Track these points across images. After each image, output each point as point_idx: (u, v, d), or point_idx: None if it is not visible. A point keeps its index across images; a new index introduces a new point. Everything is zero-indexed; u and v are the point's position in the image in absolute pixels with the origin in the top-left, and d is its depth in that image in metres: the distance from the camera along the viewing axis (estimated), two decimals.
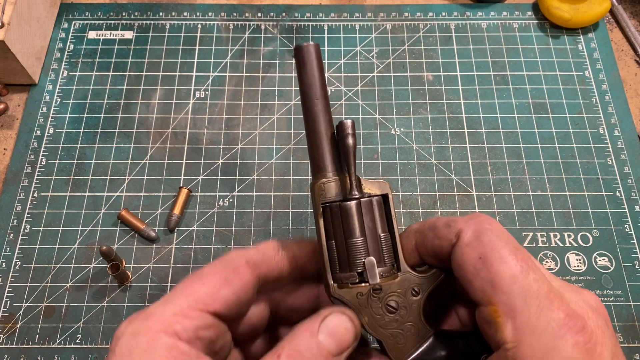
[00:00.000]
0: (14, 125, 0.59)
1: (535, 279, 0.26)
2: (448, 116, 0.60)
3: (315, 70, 0.31)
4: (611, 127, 0.59)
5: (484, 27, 0.65)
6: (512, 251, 0.26)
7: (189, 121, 0.59)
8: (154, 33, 0.64)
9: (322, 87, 0.31)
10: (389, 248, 0.31)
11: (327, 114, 0.31)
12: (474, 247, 0.27)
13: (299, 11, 0.66)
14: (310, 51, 0.31)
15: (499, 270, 0.26)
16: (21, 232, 0.53)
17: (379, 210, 0.31)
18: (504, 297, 0.25)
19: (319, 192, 0.30)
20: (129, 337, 0.26)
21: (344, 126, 0.30)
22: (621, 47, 0.64)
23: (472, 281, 0.27)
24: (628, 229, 0.54)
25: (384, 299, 0.30)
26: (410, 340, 0.29)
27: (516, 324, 0.25)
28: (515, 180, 0.56)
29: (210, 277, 0.28)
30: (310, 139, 0.31)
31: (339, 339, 0.27)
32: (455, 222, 0.29)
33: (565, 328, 0.24)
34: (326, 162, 0.30)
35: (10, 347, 0.48)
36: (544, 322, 0.24)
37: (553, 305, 0.25)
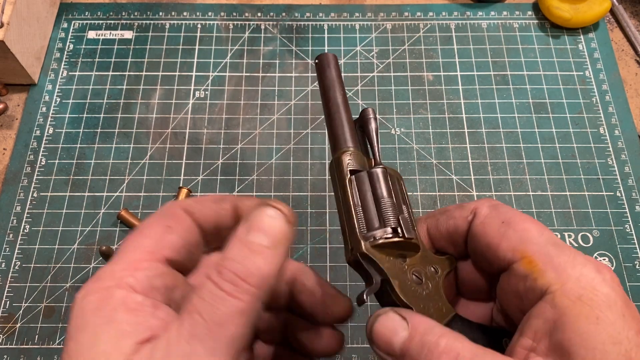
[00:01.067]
0: (14, 125, 0.59)
1: (555, 236, 0.27)
2: (448, 116, 0.59)
3: (333, 73, 0.35)
4: (611, 127, 0.59)
5: (484, 27, 0.65)
6: (530, 218, 0.28)
7: (189, 121, 0.59)
8: (154, 33, 0.64)
9: (340, 87, 0.35)
10: (412, 221, 0.30)
11: (347, 106, 0.34)
12: (493, 216, 0.28)
13: (299, 11, 0.66)
14: (330, 60, 0.35)
15: (525, 227, 0.27)
16: (21, 232, 0.53)
17: (399, 187, 0.31)
18: (537, 247, 0.26)
19: (346, 160, 0.31)
20: (80, 301, 0.25)
21: (367, 112, 0.33)
22: (622, 47, 0.64)
23: (499, 244, 0.27)
24: (628, 229, 0.54)
25: (409, 268, 0.29)
26: (436, 315, 0.28)
27: (555, 266, 0.25)
28: (516, 180, 0.56)
29: (150, 228, 0.28)
30: (333, 119, 0.33)
31: (267, 228, 0.25)
32: (469, 204, 0.30)
33: (600, 265, 0.25)
34: (350, 138, 0.32)
35: (9, 347, 0.48)
36: (581, 260, 0.25)
37: (579, 255, 0.26)
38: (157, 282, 0.26)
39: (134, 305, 0.24)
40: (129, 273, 0.25)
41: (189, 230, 0.28)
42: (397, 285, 0.28)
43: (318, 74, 0.35)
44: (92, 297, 0.24)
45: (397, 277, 0.28)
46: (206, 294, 0.23)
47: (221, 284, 0.23)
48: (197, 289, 0.24)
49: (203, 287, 0.24)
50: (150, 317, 0.24)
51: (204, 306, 0.23)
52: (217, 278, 0.24)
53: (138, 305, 0.24)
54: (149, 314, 0.24)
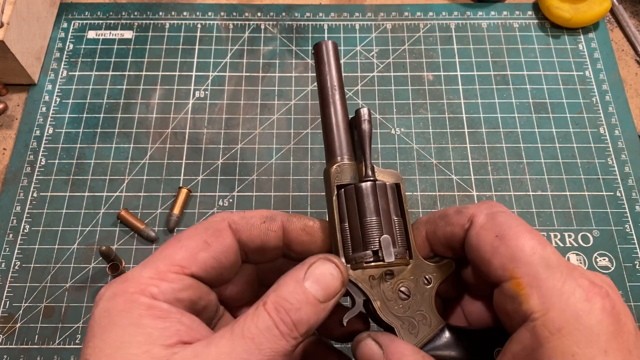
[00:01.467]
0: (14, 125, 0.59)
1: (553, 252, 0.26)
2: (448, 116, 0.59)
3: (333, 63, 0.33)
4: (611, 127, 0.59)
5: (484, 26, 0.65)
6: (527, 228, 0.27)
7: (189, 121, 0.59)
8: (154, 33, 0.64)
9: (339, 80, 0.33)
10: (402, 233, 0.30)
11: (344, 104, 0.32)
12: (489, 228, 0.28)
13: (298, 11, 0.66)
14: (329, 47, 0.33)
15: (518, 244, 0.26)
16: (20, 232, 0.53)
17: (392, 196, 0.31)
18: (526, 268, 0.26)
19: (335, 175, 0.31)
20: (107, 300, 0.26)
21: (361, 113, 0.31)
22: (622, 47, 0.64)
23: (491, 259, 0.27)
24: (628, 229, 0.54)
25: (396, 284, 0.29)
26: (423, 329, 0.29)
27: (542, 292, 0.25)
28: (516, 180, 0.56)
29: (189, 241, 0.28)
30: (326, 125, 0.32)
31: (326, 286, 0.27)
32: (467, 208, 0.29)
33: (592, 292, 0.24)
34: (342, 147, 0.31)
35: (9, 347, 0.48)
36: (570, 286, 0.24)
37: (574, 273, 0.25)
38: (182, 294, 0.27)
39: (160, 313, 0.25)
40: (155, 282, 0.26)
41: (227, 251, 0.29)
42: (379, 307, 0.29)
43: (316, 64, 0.33)
44: (119, 299, 0.25)
45: (379, 297, 0.29)
46: (261, 325, 0.25)
47: (279, 324, 0.25)
48: (251, 316, 0.25)
49: (259, 317, 0.25)
50: (177, 323, 0.25)
51: (258, 335, 0.25)
52: (276, 316, 0.25)
53: (164, 313, 0.25)
54: (176, 320, 0.25)
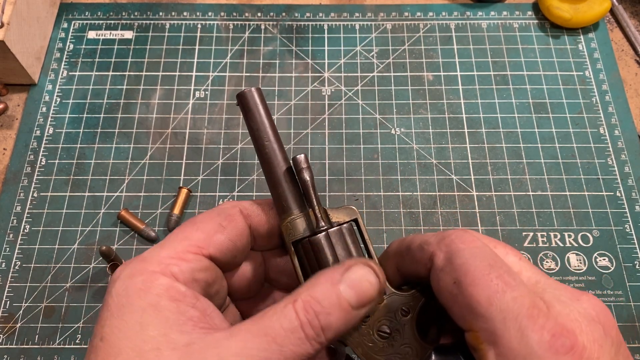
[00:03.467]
0: (14, 125, 0.59)
1: (513, 298, 0.24)
2: (448, 116, 0.59)
3: (261, 112, 0.31)
4: (611, 127, 0.59)
5: (484, 27, 0.65)
6: (486, 270, 0.25)
7: (189, 121, 0.59)
8: (154, 33, 0.64)
9: (271, 128, 0.31)
10: None
11: (282, 152, 0.31)
12: (447, 272, 0.26)
13: (299, 11, 0.66)
14: (254, 95, 0.31)
15: (474, 294, 0.24)
16: (21, 232, 0.53)
17: (350, 237, 0.30)
18: (483, 322, 0.24)
19: (287, 232, 0.30)
20: (125, 279, 0.26)
21: (298, 161, 0.30)
22: (621, 47, 0.64)
23: (452, 307, 0.26)
24: (628, 229, 0.54)
25: (375, 325, 0.29)
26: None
27: (498, 350, 0.23)
28: (516, 180, 0.56)
29: (204, 224, 0.29)
30: (268, 180, 0.31)
31: (361, 292, 0.26)
32: (428, 245, 0.28)
33: (551, 350, 0.22)
34: (288, 200, 0.30)
35: (9, 347, 0.48)
36: (526, 345, 0.23)
37: (536, 324, 0.23)
38: (199, 275, 0.27)
39: (177, 295, 0.25)
40: (175, 262, 0.26)
41: (240, 234, 0.30)
42: (360, 353, 0.28)
43: (244, 115, 0.32)
44: (138, 279, 0.25)
45: (359, 344, 0.29)
46: (287, 325, 0.24)
47: (305, 327, 0.24)
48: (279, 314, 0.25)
49: (286, 316, 0.24)
50: (191, 307, 0.25)
51: (282, 336, 0.24)
52: (304, 317, 0.24)
53: (181, 296, 0.25)
54: (190, 304, 0.25)
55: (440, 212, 0.54)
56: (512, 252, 0.28)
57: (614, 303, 0.50)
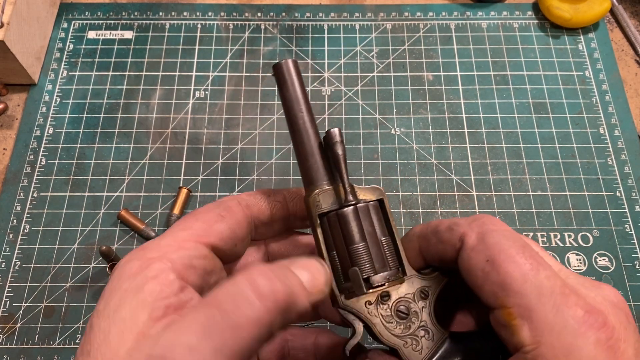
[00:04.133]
0: (14, 125, 0.59)
1: (547, 276, 0.25)
2: (448, 116, 0.59)
3: (296, 84, 0.31)
4: (611, 127, 0.59)
5: (484, 27, 0.65)
6: (519, 250, 0.26)
7: (189, 121, 0.59)
8: (154, 33, 0.64)
9: (305, 100, 0.31)
10: (392, 252, 0.30)
11: (314, 126, 0.31)
12: (479, 250, 0.26)
13: (299, 11, 0.66)
14: (290, 66, 0.31)
15: (509, 270, 0.25)
16: (21, 232, 0.53)
17: (376, 215, 0.30)
18: (517, 298, 0.24)
19: (314, 204, 0.30)
20: (123, 264, 0.26)
21: (332, 135, 0.30)
22: (621, 47, 0.64)
23: (482, 286, 0.26)
24: (628, 229, 0.54)
25: (394, 305, 0.29)
26: (426, 345, 0.29)
27: (533, 325, 0.24)
28: (516, 180, 0.56)
29: (204, 214, 0.29)
30: (299, 152, 0.31)
31: (312, 275, 0.26)
32: (458, 226, 0.28)
33: (585, 325, 0.23)
34: (318, 173, 0.30)
35: (9, 347, 0.48)
36: (562, 319, 0.23)
37: (569, 301, 0.24)
38: (197, 262, 0.27)
39: (165, 282, 0.25)
40: (173, 249, 0.26)
41: (239, 224, 0.30)
42: (378, 332, 0.29)
43: (279, 87, 0.31)
44: (134, 263, 0.26)
45: (378, 321, 0.29)
46: (232, 289, 0.23)
47: (255, 286, 0.23)
48: (225, 282, 0.24)
49: (231, 282, 0.24)
50: (173, 296, 0.25)
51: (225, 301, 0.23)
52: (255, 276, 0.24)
53: (167, 283, 0.25)
54: (172, 293, 0.25)
55: (440, 212, 0.54)
56: (534, 243, 0.29)
57: None
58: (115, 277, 0.26)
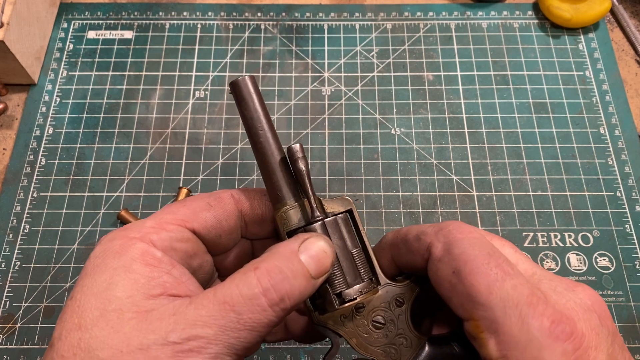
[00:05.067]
0: (14, 125, 0.59)
1: (513, 286, 0.24)
2: (448, 116, 0.59)
3: (256, 101, 0.30)
4: (612, 127, 0.59)
5: (484, 26, 0.65)
6: (485, 259, 0.25)
7: (189, 121, 0.59)
8: (154, 33, 0.64)
9: (265, 116, 0.31)
10: (363, 263, 0.30)
11: (276, 142, 0.31)
12: (446, 262, 0.26)
13: (299, 11, 0.66)
14: (247, 84, 0.30)
15: (474, 283, 0.25)
16: (20, 232, 0.53)
17: (345, 227, 0.30)
18: (482, 311, 0.24)
19: (282, 222, 0.30)
20: (105, 242, 0.26)
21: (293, 151, 0.30)
22: (622, 47, 0.64)
23: (451, 297, 0.26)
24: (629, 229, 0.54)
25: (369, 316, 0.29)
26: (405, 352, 0.29)
27: (499, 338, 0.24)
28: (516, 180, 0.56)
29: (193, 202, 0.29)
30: (262, 170, 0.31)
31: (319, 262, 0.27)
32: (425, 235, 0.28)
33: (551, 337, 0.23)
34: (283, 190, 0.30)
35: (9, 347, 0.48)
36: (527, 332, 0.23)
37: (536, 311, 0.23)
38: (178, 245, 0.27)
39: (152, 261, 0.25)
40: (155, 230, 0.27)
41: (228, 215, 0.30)
42: (355, 344, 0.29)
43: (237, 104, 0.31)
44: (116, 242, 0.26)
45: (354, 334, 0.29)
46: (246, 292, 0.24)
47: (267, 293, 0.24)
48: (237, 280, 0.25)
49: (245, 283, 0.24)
50: (165, 273, 0.25)
51: (240, 303, 0.24)
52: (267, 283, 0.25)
53: (155, 261, 0.25)
54: (164, 271, 0.25)
55: (440, 212, 0.54)
56: (508, 244, 0.28)
57: (614, 303, 0.50)
58: (98, 254, 0.26)
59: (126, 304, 0.24)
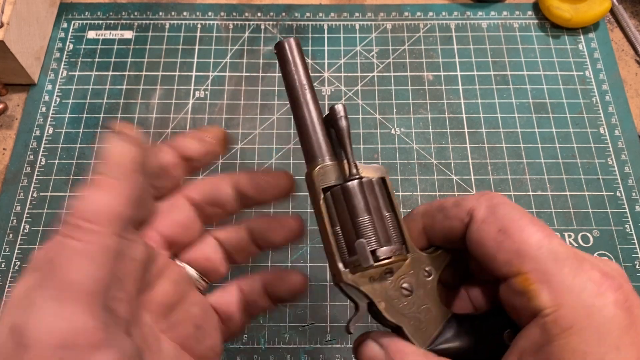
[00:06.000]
0: (13, 125, 0.59)
1: (560, 243, 0.25)
2: (448, 116, 0.59)
3: (299, 61, 0.31)
4: (612, 127, 0.59)
5: (484, 26, 0.65)
6: (530, 220, 0.26)
7: (189, 121, 0.59)
8: (154, 33, 0.64)
9: (307, 77, 0.31)
10: (395, 228, 0.30)
11: (316, 102, 0.31)
12: (490, 222, 0.27)
13: (298, 11, 0.66)
14: (292, 45, 0.31)
15: (523, 237, 0.25)
16: (20, 232, 0.53)
17: (380, 192, 0.30)
18: (534, 263, 0.25)
19: (318, 177, 0.30)
20: None
21: (337, 110, 0.30)
22: (622, 47, 0.64)
23: (496, 255, 0.26)
24: (628, 229, 0.54)
25: (398, 281, 0.29)
26: (431, 323, 0.28)
27: (552, 288, 0.24)
28: (516, 180, 0.56)
29: None
30: (301, 127, 0.31)
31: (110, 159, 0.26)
32: (465, 201, 0.28)
33: (603, 286, 0.24)
34: (322, 147, 0.30)
35: None
36: (581, 280, 0.24)
37: (585, 265, 0.24)
38: None
39: None
40: None
41: None
42: (383, 308, 0.28)
43: (280, 65, 0.31)
44: None
45: (383, 298, 0.28)
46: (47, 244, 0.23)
47: (64, 229, 0.23)
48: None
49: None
50: None
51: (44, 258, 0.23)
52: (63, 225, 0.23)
53: None
54: None
55: None
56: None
57: None
58: None
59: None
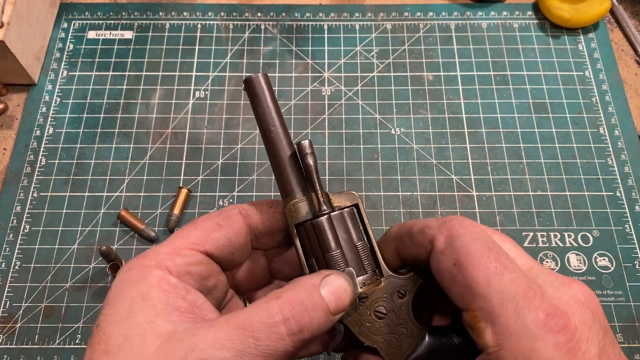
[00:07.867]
0: (14, 125, 0.59)
1: (510, 279, 0.25)
2: (448, 116, 0.59)
3: (267, 98, 0.32)
4: (611, 127, 0.59)
5: (484, 27, 0.65)
6: (485, 253, 0.26)
7: (189, 121, 0.59)
8: (154, 33, 0.64)
9: (277, 112, 0.32)
10: (367, 255, 0.31)
11: (286, 137, 0.32)
12: (447, 254, 0.27)
13: (299, 11, 0.66)
14: (260, 81, 0.32)
15: (474, 274, 0.26)
16: (21, 232, 0.53)
17: (351, 221, 0.31)
18: (481, 302, 0.25)
19: (290, 214, 0.31)
20: (124, 272, 0.28)
21: (302, 147, 0.31)
22: (621, 47, 0.64)
23: (450, 288, 0.27)
24: (628, 229, 0.54)
25: (372, 306, 0.30)
26: (405, 342, 0.30)
27: (495, 329, 0.25)
28: (516, 180, 0.56)
29: (203, 223, 0.31)
30: (273, 164, 0.32)
31: (339, 298, 0.28)
32: (429, 228, 0.29)
33: (545, 329, 0.24)
34: (292, 184, 0.31)
35: (9, 347, 0.48)
36: (522, 324, 0.24)
37: (532, 304, 0.24)
38: (193, 268, 0.29)
39: (168, 287, 0.27)
40: (170, 257, 0.28)
41: (238, 232, 0.31)
42: (357, 332, 0.30)
43: (250, 100, 0.32)
44: (133, 272, 0.27)
45: (357, 323, 0.30)
46: (265, 319, 0.25)
47: (287, 323, 0.25)
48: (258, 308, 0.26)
49: (265, 310, 0.25)
50: (180, 298, 0.27)
51: (259, 330, 0.25)
52: (288, 312, 0.26)
53: (171, 287, 0.27)
54: (180, 296, 0.27)
55: (440, 212, 0.54)
56: (507, 240, 0.29)
57: (614, 303, 0.50)
58: (117, 284, 0.27)
59: (147, 328, 0.25)
